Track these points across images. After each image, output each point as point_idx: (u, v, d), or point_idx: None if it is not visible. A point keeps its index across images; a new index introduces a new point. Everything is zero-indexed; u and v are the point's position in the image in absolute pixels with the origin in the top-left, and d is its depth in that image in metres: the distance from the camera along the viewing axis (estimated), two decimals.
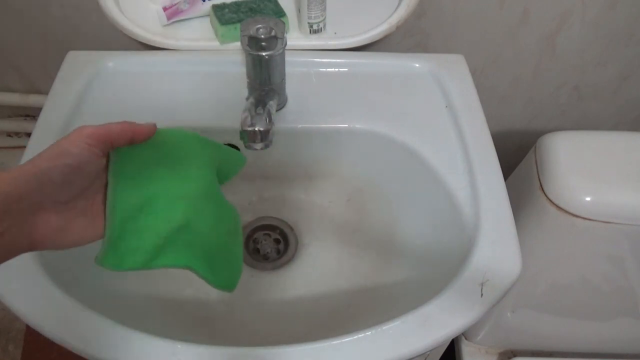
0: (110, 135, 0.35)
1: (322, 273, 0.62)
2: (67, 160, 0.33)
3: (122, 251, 0.37)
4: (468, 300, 0.46)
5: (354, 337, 0.44)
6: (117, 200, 0.36)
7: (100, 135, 0.35)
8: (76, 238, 0.35)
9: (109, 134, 0.35)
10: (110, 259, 0.36)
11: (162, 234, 0.38)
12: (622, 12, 0.71)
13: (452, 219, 0.54)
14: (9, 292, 0.46)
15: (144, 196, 0.37)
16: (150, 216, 0.38)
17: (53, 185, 0.32)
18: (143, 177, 0.38)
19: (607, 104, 0.86)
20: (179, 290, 0.58)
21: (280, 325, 0.58)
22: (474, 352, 0.94)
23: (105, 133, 0.35)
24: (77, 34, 0.74)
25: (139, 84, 0.62)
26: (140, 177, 0.37)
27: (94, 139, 0.34)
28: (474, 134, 0.59)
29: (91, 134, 0.34)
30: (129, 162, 0.37)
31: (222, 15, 0.63)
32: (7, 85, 0.83)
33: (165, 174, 0.39)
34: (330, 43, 0.64)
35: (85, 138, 0.34)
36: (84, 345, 0.43)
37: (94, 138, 0.34)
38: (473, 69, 0.66)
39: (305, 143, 0.62)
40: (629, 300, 0.79)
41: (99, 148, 0.35)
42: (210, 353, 0.43)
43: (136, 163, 0.37)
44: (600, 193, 0.64)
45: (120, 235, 0.36)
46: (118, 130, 0.35)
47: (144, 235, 0.37)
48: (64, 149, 0.33)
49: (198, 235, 0.40)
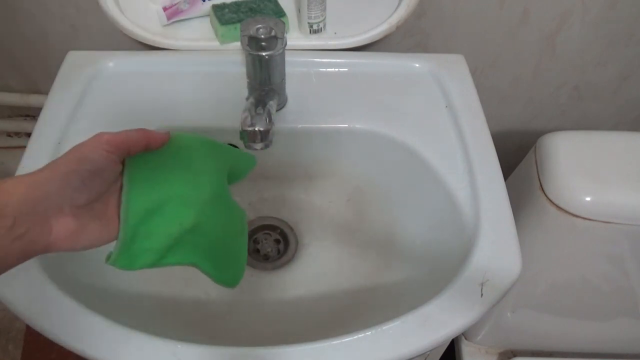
0: (128, 142, 0.36)
1: (322, 273, 0.62)
2: (86, 166, 0.34)
3: (133, 252, 0.38)
4: (468, 300, 0.46)
5: (354, 337, 0.44)
6: (131, 204, 0.37)
7: (119, 143, 0.35)
8: (91, 240, 0.35)
9: (127, 141, 0.36)
10: (122, 259, 0.37)
11: (172, 235, 0.39)
12: (622, 12, 0.71)
13: (452, 219, 0.54)
14: (9, 292, 0.46)
15: (157, 200, 0.38)
16: (162, 219, 0.39)
17: (72, 190, 0.33)
18: (156, 182, 0.39)
19: (607, 104, 0.86)
20: (179, 291, 0.58)
21: (280, 325, 0.58)
22: (474, 352, 0.94)
23: (123, 140, 0.35)
24: (77, 34, 0.74)
25: (139, 84, 0.62)
26: (153, 181, 0.38)
27: (112, 146, 0.35)
28: (474, 134, 0.59)
29: (109, 140, 0.35)
30: (143, 167, 0.38)
31: (222, 15, 0.63)
32: (7, 85, 0.83)
33: (177, 179, 0.40)
34: (330, 43, 0.64)
35: (104, 145, 0.35)
36: (83, 345, 0.43)
37: (112, 145, 0.35)
38: (473, 69, 0.67)
39: (305, 143, 0.62)
40: (629, 300, 0.79)
41: (116, 154, 0.35)
42: (210, 353, 0.43)
43: (150, 168, 0.38)
44: (600, 193, 0.64)
45: (133, 238, 0.37)
46: (135, 138, 0.36)
47: (156, 237, 0.38)
48: (84, 155, 0.34)
49: (206, 236, 0.42)
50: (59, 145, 0.56)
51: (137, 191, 0.37)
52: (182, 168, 0.40)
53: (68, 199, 0.33)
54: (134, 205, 0.37)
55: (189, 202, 0.40)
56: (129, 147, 0.36)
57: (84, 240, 0.35)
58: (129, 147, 0.36)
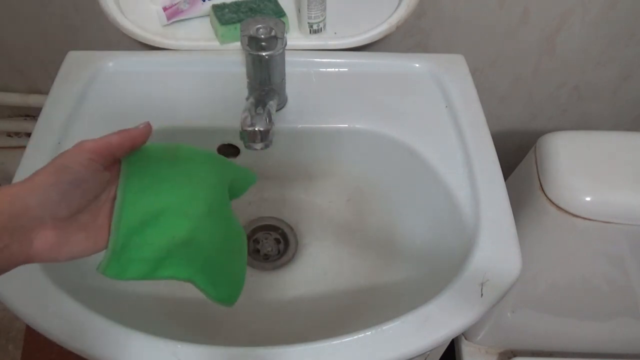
0: (110, 148, 0.35)
1: (322, 273, 0.62)
2: (67, 177, 0.33)
3: (124, 262, 0.37)
4: (468, 300, 0.46)
5: (354, 337, 0.44)
6: (124, 213, 0.36)
7: (102, 150, 0.34)
8: (74, 252, 0.34)
9: (109, 147, 0.35)
10: (112, 269, 0.37)
11: (165, 247, 0.38)
12: (622, 12, 0.71)
13: (452, 219, 0.54)
14: (9, 292, 0.46)
15: (151, 211, 0.38)
16: (155, 230, 0.38)
17: (52, 203, 0.32)
18: (152, 193, 0.38)
19: (607, 104, 0.86)
20: (179, 291, 0.58)
21: (280, 325, 0.58)
22: (474, 352, 0.94)
23: (106, 146, 0.35)
24: (77, 34, 0.74)
25: (139, 84, 0.62)
26: (149, 192, 0.38)
27: (95, 154, 0.34)
28: (474, 134, 0.59)
29: (92, 149, 0.34)
30: (139, 177, 0.37)
31: (222, 15, 0.63)
32: (7, 85, 0.83)
33: (174, 191, 0.39)
34: (330, 43, 0.64)
35: (86, 154, 0.34)
36: (83, 345, 0.43)
37: (95, 153, 0.34)
38: (473, 69, 0.66)
39: (305, 143, 0.62)
40: (629, 300, 0.79)
41: (100, 162, 0.35)
42: (210, 353, 0.43)
43: (146, 178, 0.38)
44: (600, 193, 0.64)
45: (124, 247, 0.37)
46: (117, 142, 0.35)
47: (147, 248, 0.38)
48: (64, 166, 0.33)
49: (202, 250, 0.41)
50: (59, 145, 0.56)
51: (130, 201, 0.37)
52: (180, 180, 0.39)
53: (49, 212, 0.32)
54: (126, 215, 0.36)
55: (184, 215, 0.39)
56: (113, 153, 0.35)
57: (66, 252, 0.34)
58: (112, 152, 0.35)
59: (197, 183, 0.40)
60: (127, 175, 0.37)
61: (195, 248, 0.40)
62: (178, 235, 0.38)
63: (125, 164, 0.37)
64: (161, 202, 0.38)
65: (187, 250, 0.39)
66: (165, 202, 0.38)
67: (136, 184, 0.37)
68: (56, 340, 0.44)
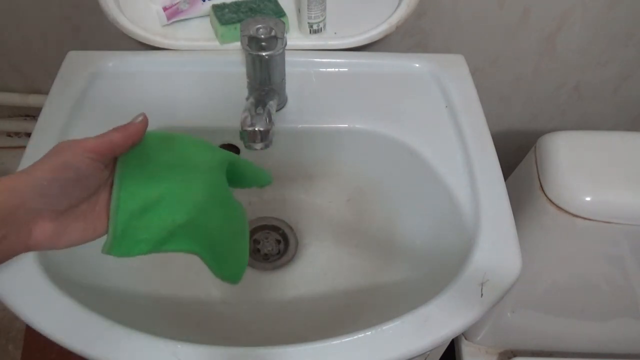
0: (112, 146, 0.35)
1: (322, 273, 0.62)
2: (68, 174, 0.33)
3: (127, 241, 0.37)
4: (468, 300, 0.46)
5: (354, 337, 0.44)
6: (122, 199, 0.37)
7: (104, 149, 0.35)
8: (73, 240, 0.35)
9: (111, 145, 0.35)
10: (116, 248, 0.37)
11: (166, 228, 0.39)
12: (622, 12, 0.71)
13: (452, 219, 0.54)
14: (9, 292, 0.46)
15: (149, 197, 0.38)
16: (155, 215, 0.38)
17: (51, 197, 0.32)
18: (149, 179, 0.38)
19: (607, 104, 0.86)
20: (179, 291, 0.58)
21: (280, 325, 0.58)
22: (474, 352, 0.94)
23: (108, 145, 0.35)
24: (77, 34, 0.74)
25: (139, 84, 0.62)
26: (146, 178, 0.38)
27: (97, 153, 0.34)
28: (474, 134, 0.59)
29: (94, 147, 0.34)
30: (135, 165, 0.37)
31: (222, 15, 0.63)
32: (7, 85, 0.83)
33: (171, 177, 0.39)
34: (330, 43, 0.64)
35: (88, 152, 0.34)
36: (83, 345, 0.43)
37: (97, 152, 0.34)
38: (473, 69, 0.66)
39: (305, 143, 0.62)
40: (629, 300, 0.79)
41: (101, 161, 0.35)
42: (210, 353, 0.43)
43: (143, 165, 0.38)
44: (600, 193, 0.64)
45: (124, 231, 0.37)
46: (120, 140, 0.35)
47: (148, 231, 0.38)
48: (66, 162, 0.33)
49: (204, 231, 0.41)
50: None
51: (128, 187, 0.37)
52: (176, 165, 0.40)
53: (48, 205, 0.32)
54: (124, 199, 0.36)
55: (183, 200, 0.39)
56: (114, 151, 0.35)
57: (65, 241, 0.34)
58: (114, 150, 0.35)
59: (194, 167, 0.41)
60: (123, 163, 0.37)
61: (197, 229, 0.41)
62: (178, 219, 0.39)
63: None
64: (160, 188, 0.38)
65: (189, 231, 0.40)
66: (164, 188, 0.39)
67: (133, 171, 0.37)
68: (56, 340, 0.44)
